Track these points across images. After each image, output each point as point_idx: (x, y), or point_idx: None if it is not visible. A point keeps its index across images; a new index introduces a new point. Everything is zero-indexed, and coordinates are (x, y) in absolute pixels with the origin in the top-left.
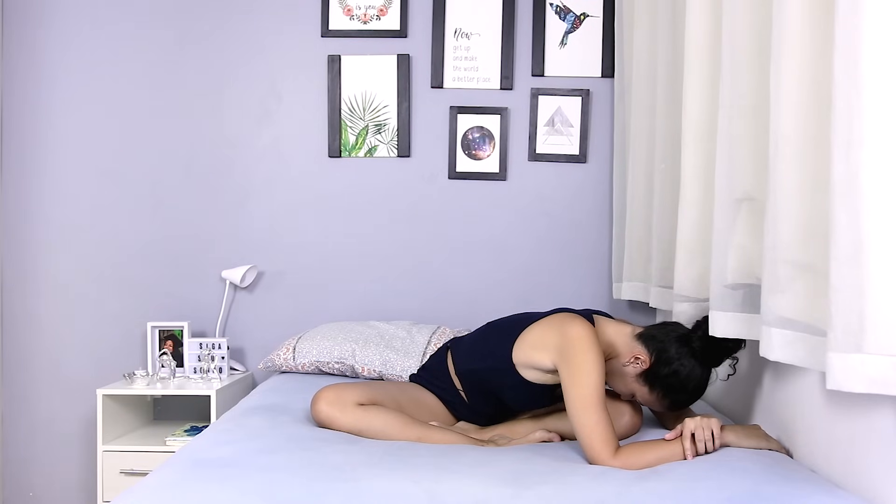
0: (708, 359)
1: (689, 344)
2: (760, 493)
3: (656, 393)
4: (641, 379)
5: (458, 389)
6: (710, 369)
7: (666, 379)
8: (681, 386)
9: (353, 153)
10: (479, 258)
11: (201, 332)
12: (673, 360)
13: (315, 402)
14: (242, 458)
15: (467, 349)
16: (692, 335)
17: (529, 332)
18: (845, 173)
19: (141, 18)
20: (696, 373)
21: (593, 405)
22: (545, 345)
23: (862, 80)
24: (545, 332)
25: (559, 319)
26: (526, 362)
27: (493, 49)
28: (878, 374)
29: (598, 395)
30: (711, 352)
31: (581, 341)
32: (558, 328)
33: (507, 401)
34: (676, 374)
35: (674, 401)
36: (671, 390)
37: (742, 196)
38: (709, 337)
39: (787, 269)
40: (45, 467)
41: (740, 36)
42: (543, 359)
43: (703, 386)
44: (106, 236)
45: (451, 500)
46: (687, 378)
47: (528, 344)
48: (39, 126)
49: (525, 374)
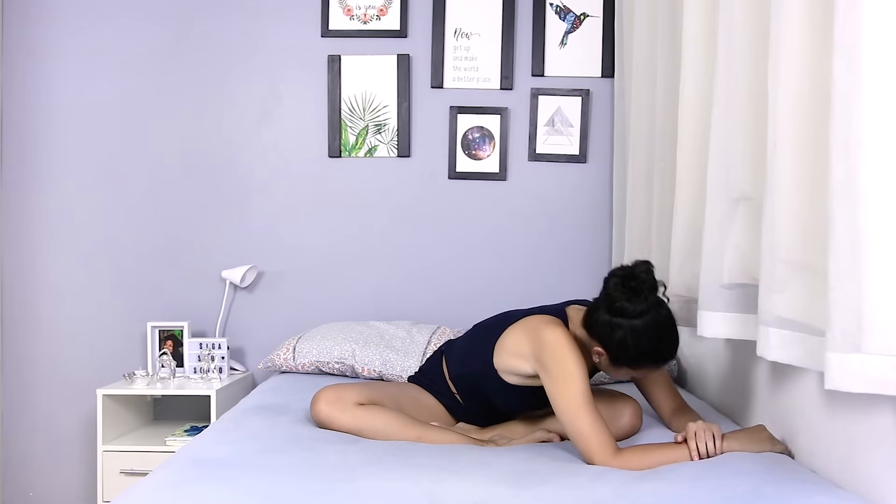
0: (638, 305)
1: (614, 306)
2: (760, 494)
3: (636, 368)
4: (615, 364)
5: (454, 393)
6: (651, 314)
7: (626, 355)
8: (640, 351)
9: (353, 153)
10: (479, 258)
11: (201, 332)
12: (615, 337)
13: (314, 401)
14: (242, 458)
15: (457, 354)
16: (610, 294)
17: (506, 338)
18: (844, 173)
19: (141, 18)
20: (639, 330)
21: (581, 410)
22: (521, 353)
23: (861, 81)
24: (520, 339)
25: (533, 325)
26: (507, 369)
27: (493, 49)
28: (876, 375)
29: (585, 399)
30: (635, 296)
31: (555, 348)
32: (532, 335)
33: (497, 405)
34: (627, 346)
35: (652, 362)
36: (640, 359)
37: (739, 196)
38: (623, 284)
39: (785, 269)
40: (45, 467)
41: (738, 35)
42: (523, 365)
43: (660, 332)
44: (106, 236)
45: (451, 500)
46: (637, 341)
47: (506, 351)
48: (39, 126)
49: (508, 379)
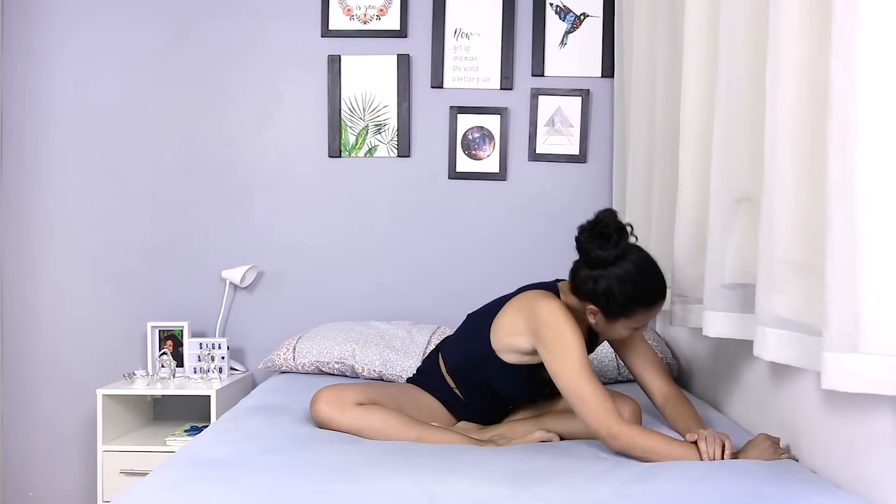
0: (611, 251)
1: (590, 258)
2: (760, 494)
3: (631, 317)
4: (610, 322)
5: (453, 388)
6: (629, 257)
7: (616, 303)
8: (627, 296)
9: (353, 153)
10: (479, 258)
11: (201, 332)
12: (601, 289)
13: (314, 402)
14: (242, 458)
15: (453, 345)
16: (583, 248)
17: (501, 317)
18: (841, 174)
19: (141, 18)
20: (622, 276)
21: (581, 377)
22: (518, 329)
23: (858, 82)
24: (515, 316)
25: (527, 301)
26: (505, 347)
27: (493, 49)
28: (872, 375)
29: (584, 367)
30: (606, 241)
31: (551, 319)
32: (527, 310)
33: (497, 389)
34: (614, 294)
35: (643, 306)
36: (630, 304)
37: (740, 196)
38: (592, 234)
39: (783, 269)
40: (45, 467)
41: (738, 36)
42: (521, 342)
43: (641, 273)
44: (106, 236)
45: (451, 500)
46: (623, 287)
47: (503, 330)
48: (39, 126)
49: (507, 358)
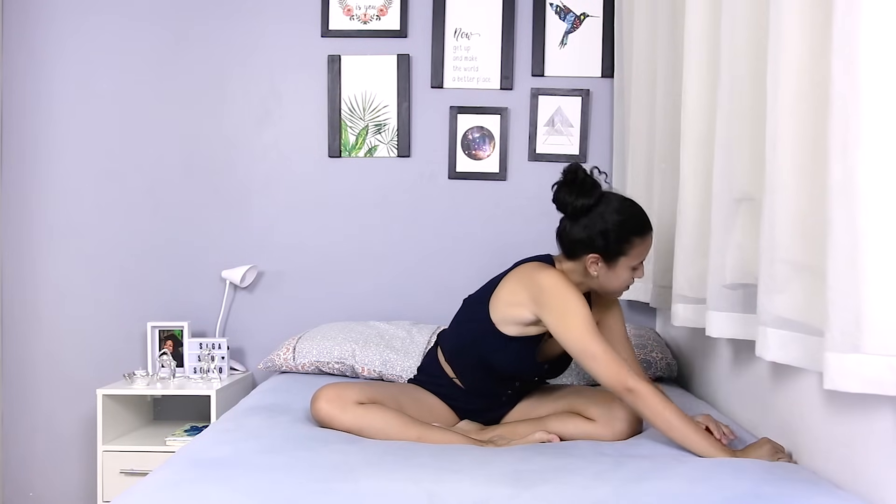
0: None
1: (575, 209)
2: (760, 494)
3: (629, 252)
4: (611, 266)
5: (452, 378)
6: (606, 197)
7: (611, 238)
8: (620, 228)
9: (353, 153)
10: (479, 258)
11: (201, 332)
12: (594, 232)
13: (315, 400)
14: (242, 457)
15: (451, 330)
16: (563, 204)
17: (500, 290)
18: (842, 174)
19: (141, 18)
20: (608, 213)
21: (591, 337)
22: (519, 300)
23: (859, 81)
24: (515, 287)
25: (527, 273)
26: (505, 319)
27: (493, 49)
28: (874, 375)
29: (592, 327)
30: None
31: (555, 287)
32: (528, 281)
33: (497, 367)
34: (608, 231)
35: (637, 235)
36: (625, 235)
37: (741, 196)
38: (569, 189)
39: (784, 269)
40: (45, 467)
41: (739, 36)
42: (522, 312)
43: (624, 205)
44: (106, 236)
45: (451, 500)
46: (613, 220)
47: (502, 302)
48: (39, 126)
49: (507, 330)
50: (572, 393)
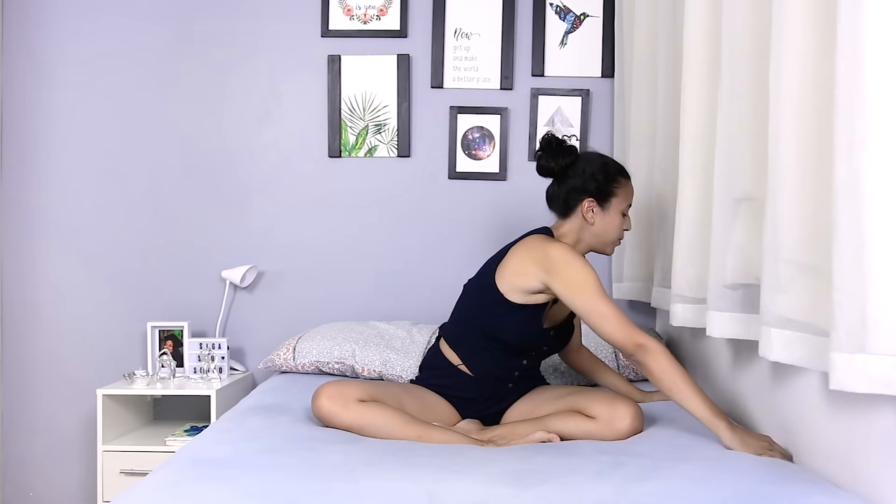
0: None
1: (560, 166)
2: (760, 493)
3: (619, 192)
4: (605, 208)
5: (458, 366)
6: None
7: (601, 178)
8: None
9: (353, 153)
10: (479, 258)
11: (201, 332)
12: (586, 176)
13: (316, 397)
14: (242, 458)
15: (455, 316)
16: (546, 169)
17: (507, 262)
18: (847, 174)
19: (141, 18)
20: (589, 157)
21: (600, 297)
22: (527, 270)
23: (864, 81)
24: (523, 258)
25: (534, 245)
26: (513, 287)
27: (493, 49)
28: (880, 375)
29: (601, 289)
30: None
31: (563, 255)
32: (536, 252)
33: (505, 337)
34: (594, 172)
35: (622, 175)
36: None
37: (741, 196)
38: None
39: (788, 269)
40: (45, 467)
41: (740, 35)
42: (530, 282)
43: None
44: (106, 236)
45: (451, 500)
46: (598, 161)
47: (510, 272)
48: (39, 126)
49: (514, 298)
50: (574, 392)
